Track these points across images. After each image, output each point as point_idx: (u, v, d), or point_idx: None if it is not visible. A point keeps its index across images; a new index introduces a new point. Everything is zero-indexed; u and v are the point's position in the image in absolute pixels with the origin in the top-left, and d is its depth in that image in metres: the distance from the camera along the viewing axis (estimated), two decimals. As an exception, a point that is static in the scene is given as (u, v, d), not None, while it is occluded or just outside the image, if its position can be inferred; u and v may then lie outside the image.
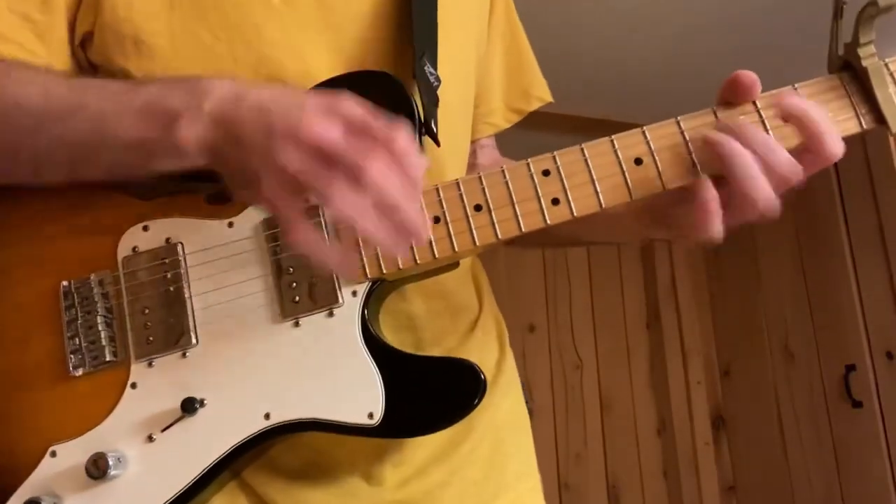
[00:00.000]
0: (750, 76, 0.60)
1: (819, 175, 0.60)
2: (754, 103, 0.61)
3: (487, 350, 0.80)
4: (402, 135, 0.53)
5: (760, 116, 0.60)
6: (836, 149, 0.58)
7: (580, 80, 2.53)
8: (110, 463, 0.58)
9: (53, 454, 0.59)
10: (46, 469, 0.59)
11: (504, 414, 0.78)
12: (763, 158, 0.57)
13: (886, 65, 0.60)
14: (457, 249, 0.60)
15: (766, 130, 0.60)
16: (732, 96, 0.61)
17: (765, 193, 0.57)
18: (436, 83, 0.70)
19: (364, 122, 0.53)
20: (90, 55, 0.67)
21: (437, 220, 0.60)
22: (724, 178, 0.58)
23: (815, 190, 2.57)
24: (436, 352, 0.72)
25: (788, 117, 0.59)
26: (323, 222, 0.61)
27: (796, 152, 0.59)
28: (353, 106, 0.54)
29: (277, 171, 0.53)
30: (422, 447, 0.70)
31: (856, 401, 2.39)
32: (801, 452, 2.66)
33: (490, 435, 0.76)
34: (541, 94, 0.92)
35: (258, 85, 0.58)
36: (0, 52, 0.63)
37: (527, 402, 0.85)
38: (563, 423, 2.99)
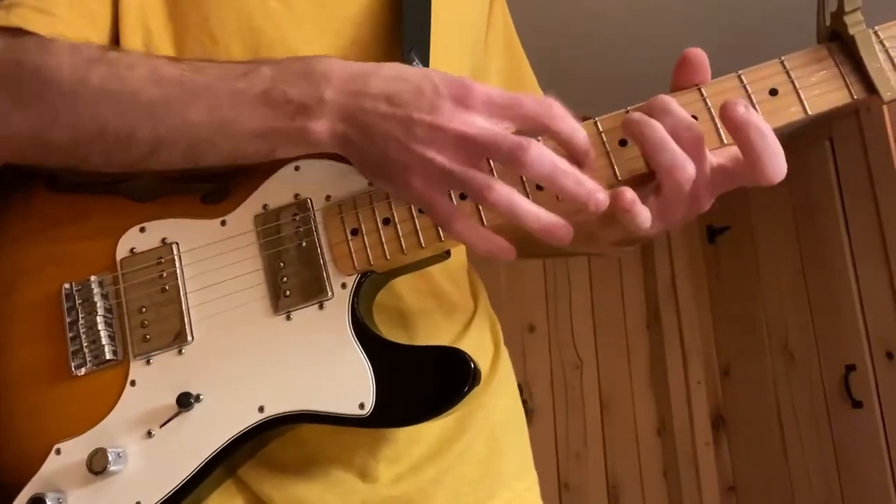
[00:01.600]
0: (698, 54, 0.58)
1: (819, 175, 0.59)
2: (700, 90, 0.59)
3: (482, 349, 0.80)
4: (555, 105, 0.53)
5: (706, 104, 0.59)
6: (776, 173, 0.54)
7: (580, 79, 2.54)
8: (110, 459, 0.59)
9: (58, 452, 0.61)
10: (51, 466, 0.61)
11: (499, 414, 0.79)
12: (668, 126, 0.55)
13: (876, 32, 0.58)
14: (443, 238, 0.61)
15: (714, 119, 0.58)
16: (683, 74, 0.59)
17: (673, 156, 0.55)
18: None
19: (506, 99, 0.53)
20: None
21: (421, 210, 0.60)
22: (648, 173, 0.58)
23: (815, 190, 2.57)
24: None
25: (730, 130, 0.55)
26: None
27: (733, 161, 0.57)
28: (486, 87, 0.53)
29: (425, 167, 0.53)
30: (416, 444, 0.71)
31: (856, 401, 2.39)
32: (801, 452, 2.66)
33: (485, 434, 0.76)
34: None
35: (374, 66, 0.57)
36: (61, 34, 0.63)
37: (526, 403, 0.85)
38: (563, 423, 3.00)
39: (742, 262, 2.97)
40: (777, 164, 0.54)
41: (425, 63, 0.72)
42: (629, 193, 0.56)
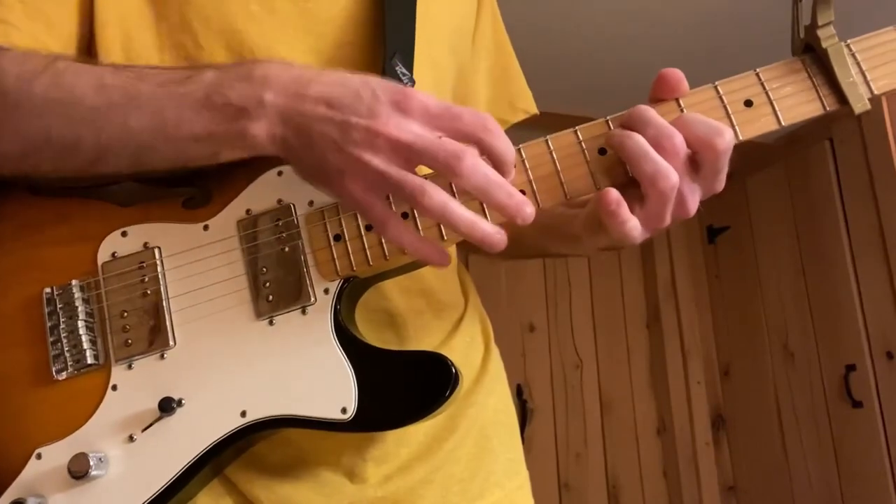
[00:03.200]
0: (675, 74, 0.60)
1: (819, 175, 0.60)
2: (677, 101, 0.60)
3: (472, 348, 0.81)
4: (490, 120, 0.54)
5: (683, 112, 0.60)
6: (722, 141, 0.56)
7: (580, 80, 2.54)
8: (92, 463, 0.59)
9: (39, 456, 0.61)
10: (32, 471, 0.61)
11: (489, 412, 0.79)
12: (650, 137, 0.57)
13: (848, 45, 0.60)
14: None
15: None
16: (661, 93, 0.61)
17: (656, 165, 0.56)
18: (409, 84, 0.70)
19: (443, 109, 0.54)
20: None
21: (405, 215, 0.60)
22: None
23: (815, 190, 2.57)
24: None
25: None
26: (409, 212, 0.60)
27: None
28: (425, 96, 0.54)
29: (361, 171, 0.54)
30: (405, 444, 0.71)
31: (856, 401, 2.38)
32: (801, 452, 2.65)
33: (475, 433, 0.76)
34: (526, 106, 0.93)
35: (315, 72, 0.57)
36: (14, 42, 0.63)
37: (526, 403, 0.85)
38: (563, 423, 3.00)
39: (742, 262, 2.97)
40: (712, 128, 0.57)
41: (410, 64, 0.72)
42: (613, 194, 0.57)
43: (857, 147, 2.38)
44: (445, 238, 0.60)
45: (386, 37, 0.71)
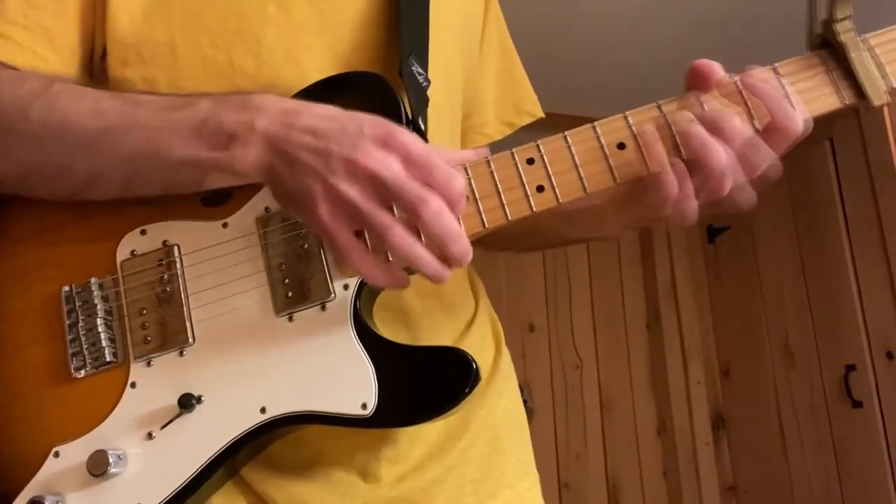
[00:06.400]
0: (705, 64, 0.62)
1: (819, 175, 0.61)
2: (697, 97, 0.62)
3: (483, 349, 0.81)
4: (459, 180, 0.56)
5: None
6: (794, 120, 0.59)
7: (581, 79, 2.54)
8: (111, 461, 0.59)
9: (57, 455, 0.61)
10: (50, 469, 0.60)
11: (500, 413, 0.79)
12: (712, 127, 0.59)
13: (865, 39, 0.60)
14: None
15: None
16: (696, 85, 0.63)
17: (720, 157, 0.58)
18: (425, 83, 0.71)
19: (422, 159, 0.55)
20: (108, 68, 0.68)
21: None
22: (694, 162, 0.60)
23: (815, 190, 2.57)
24: None
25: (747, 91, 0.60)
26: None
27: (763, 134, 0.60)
28: (410, 139, 0.56)
29: (334, 198, 0.55)
30: (418, 444, 0.71)
31: (856, 401, 2.39)
32: (801, 452, 2.66)
33: (486, 433, 0.76)
34: (531, 109, 0.94)
35: (307, 105, 0.59)
36: (16, 62, 0.64)
37: (526, 403, 0.85)
38: (563, 423, 3.00)
39: (742, 262, 2.97)
40: (791, 111, 0.59)
41: (425, 64, 0.72)
42: (680, 165, 0.59)
43: (857, 147, 2.39)
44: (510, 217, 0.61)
45: (402, 38, 0.71)
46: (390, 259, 0.59)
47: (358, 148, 0.54)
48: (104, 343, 0.62)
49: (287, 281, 0.62)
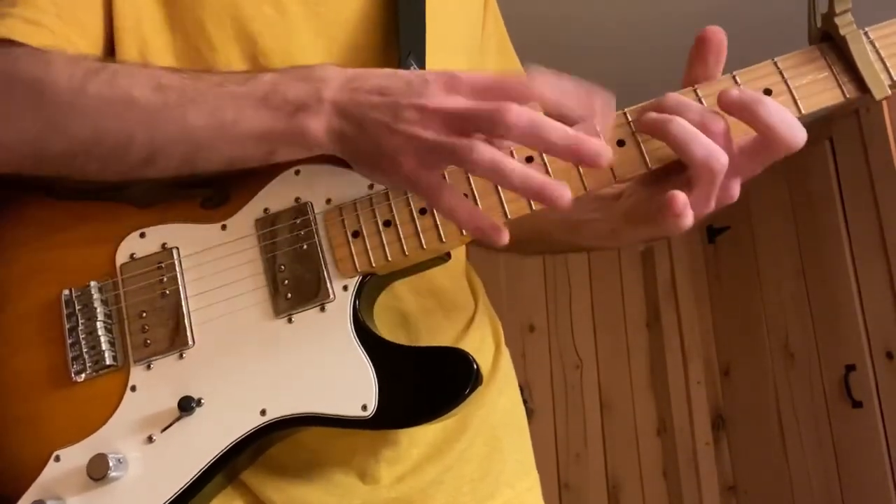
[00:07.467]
0: (716, 33, 0.59)
1: (819, 175, 0.60)
2: (695, 91, 0.60)
3: (483, 349, 0.80)
4: (538, 76, 0.54)
5: (702, 103, 0.59)
6: (793, 136, 0.56)
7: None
8: (111, 464, 0.59)
9: (57, 459, 0.60)
10: (50, 473, 0.60)
11: (500, 413, 0.79)
12: (696, 121, 0.57)
13: (866, 33, 0.59)
14: (444, 240, 0.61)
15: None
16: (702, 58, 0.60)
17: (707, 148, 0.56)
18: None
19: (490, 82, 0.54)
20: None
21: (423, 211, 0.61)
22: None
23: (815, 190, 2.57)
24: None
25: (735, 113, 0.57)
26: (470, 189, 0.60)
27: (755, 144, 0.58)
28: (472, 75, 0.55)
29: (411, 145, 0.55)
30: (416, 445, 0.71)
31: (856, 401, 2.39)
32: (801, 452, 2.66)
33: (485, 433, 0.76)
34: None
35: (369, 70, 0.59)
36: (49, 46, 0.63)
37: (526, 403, 0.85)
38: (563, 423, 3.00)
39: (742, 262, 2.97)
40: (790, 128, 0.56)
41: (422, 65, 0.72)
42: (680, 198, 0.57)
43: (857, 147, 2.39)
44: (509, 216, 0.60)
45: (399, 38, 0.71)
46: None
47: (424, 94, 0.54)
48: (104, 346, 0.62)
49: (286, 282, 0.62)
